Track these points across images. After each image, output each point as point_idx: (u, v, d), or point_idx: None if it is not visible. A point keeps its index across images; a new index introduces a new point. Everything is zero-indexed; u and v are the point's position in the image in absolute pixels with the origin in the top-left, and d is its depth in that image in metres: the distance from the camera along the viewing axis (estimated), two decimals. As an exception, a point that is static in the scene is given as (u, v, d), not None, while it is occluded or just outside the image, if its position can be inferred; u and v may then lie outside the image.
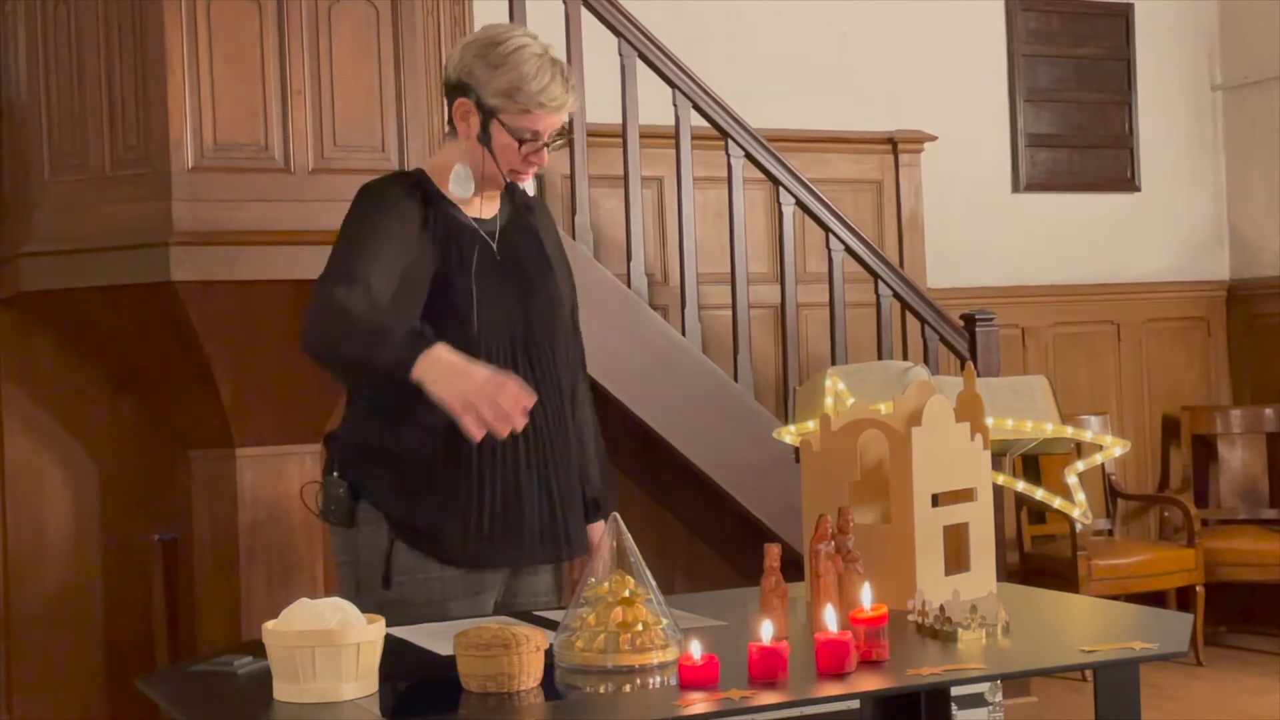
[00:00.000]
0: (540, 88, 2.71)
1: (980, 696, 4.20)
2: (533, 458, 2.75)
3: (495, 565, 2.76)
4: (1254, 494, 6.59)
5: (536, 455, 2.76)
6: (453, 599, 2.72)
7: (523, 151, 2.75)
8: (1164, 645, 2.30)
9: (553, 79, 2.72)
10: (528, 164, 2.78)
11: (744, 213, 5.08)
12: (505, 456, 2.72)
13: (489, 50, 2.73)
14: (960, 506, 2.68)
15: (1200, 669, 5.85)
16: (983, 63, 6.52)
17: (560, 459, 2.80)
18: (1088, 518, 4.29)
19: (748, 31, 6.05)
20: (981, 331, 5.24)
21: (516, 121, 2.72)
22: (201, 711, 2.16)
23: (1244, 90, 6.84)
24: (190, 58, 3.86)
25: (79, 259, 3.97)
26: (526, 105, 2.71)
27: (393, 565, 2.71)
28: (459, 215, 2.78)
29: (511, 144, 2.74)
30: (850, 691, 2.11)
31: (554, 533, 2.79)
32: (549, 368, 2.80)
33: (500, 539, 2.73)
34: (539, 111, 2.72)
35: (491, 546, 2.73)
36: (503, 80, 2.71)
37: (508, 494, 2.73)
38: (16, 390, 4.50)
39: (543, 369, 2.78)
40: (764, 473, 4.89)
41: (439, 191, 2.78)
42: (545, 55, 2.74)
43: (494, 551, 2.74)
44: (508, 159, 2.76)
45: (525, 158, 2.76)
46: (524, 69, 2.71)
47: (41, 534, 4.52)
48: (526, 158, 2.76)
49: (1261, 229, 6.80)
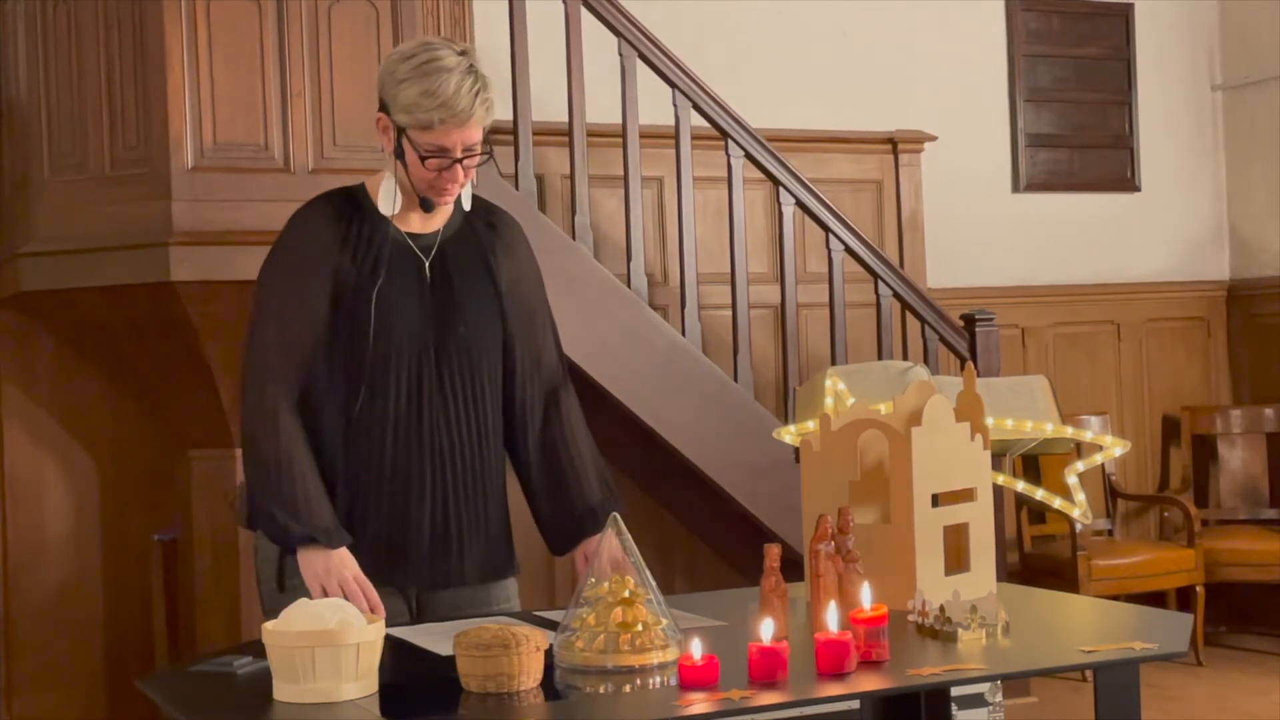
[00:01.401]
0: (440, 102, 2.59)
1: (980, 696, 4.20)
2: (429, 483, 2.70)
3: (385, 585, 2.69)
4: (1254, 494, 6.59)
5: (435, 480, 2.70)
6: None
7: (429, 167, 2.64)
8: (1164, 645, 2.30)
9: (456, 91, 2.59)
10: (443, 181, 2.66)
11: (744, 213, 5.08)
12: (397, 481, 2.69)
13: (400, 65, 2.65)
14: (960, 506, 2.67)
15: (1200, 669, 5.85)
16: (983, 63, 6.52)
17: (463, 484, 2.73)
18: (1088, 518, 4.29)
19: (748, 31, 6.05)
20: (981, 331, 5.24)
21: (421, 138, 2.62)
22: (201, 711, 2.16)
23: (1244, 90, 6.84)
24: (190, 58, 3.86)
25: (79, 259, 3.97)
26: (427, 121, 2.60)
27: (286, 569, 2.69)
28: (389, 229, 2.71)
29: (424, 164, 2.64)
30: (850, 691, 2.11)
31: (445, 558, 2.73)
32: (461, 389, 2.72)
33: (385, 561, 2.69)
34: (441, 127, 2.61)
35: (377, 568, 2.67)
36: (406, 95, 2.62)
37: (395, 518, 2.69)
38: (16, 390, 4.50)
39: (454, 390, 2.72)
40: (764, 473, 4.89)
41: (373, 206, 2.72)
42: (456, 69, 2.61)
43: (379, 573, 2.67)
44: (420, 176, 2.66)
45: (439, 174, 2.65)
46: (426, 83, 2.60)
47: (41, 534, 4.52)
48: (440, 174, 2.65)
49: (1261, 229, 6.80)
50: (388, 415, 2.68)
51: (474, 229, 2.81)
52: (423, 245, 2.75)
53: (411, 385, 2.69)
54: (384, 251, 2.69)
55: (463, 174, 2.68)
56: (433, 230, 2.77)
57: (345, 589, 2.58)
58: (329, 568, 2.60)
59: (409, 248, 2.73)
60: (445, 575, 2.75)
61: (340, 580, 2.59)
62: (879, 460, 2.69)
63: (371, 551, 2.68)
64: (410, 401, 2.69)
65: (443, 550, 2.73)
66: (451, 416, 2.72)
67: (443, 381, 2.71)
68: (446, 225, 2.78)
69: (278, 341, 2.68)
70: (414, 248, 2.73)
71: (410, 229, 2.75)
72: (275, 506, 2.62)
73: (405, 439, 2.69)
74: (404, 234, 2.73)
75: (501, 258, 2.82)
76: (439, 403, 2.70)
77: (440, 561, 2.74)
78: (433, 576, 2.74)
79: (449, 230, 2.78)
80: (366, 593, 2.60)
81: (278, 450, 2.63)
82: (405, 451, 2.69)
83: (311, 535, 2.61)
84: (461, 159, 2.65)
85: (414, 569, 2.72)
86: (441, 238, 2.77)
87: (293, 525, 2.61)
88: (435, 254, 2.75)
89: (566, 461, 2.84)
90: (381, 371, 2.67)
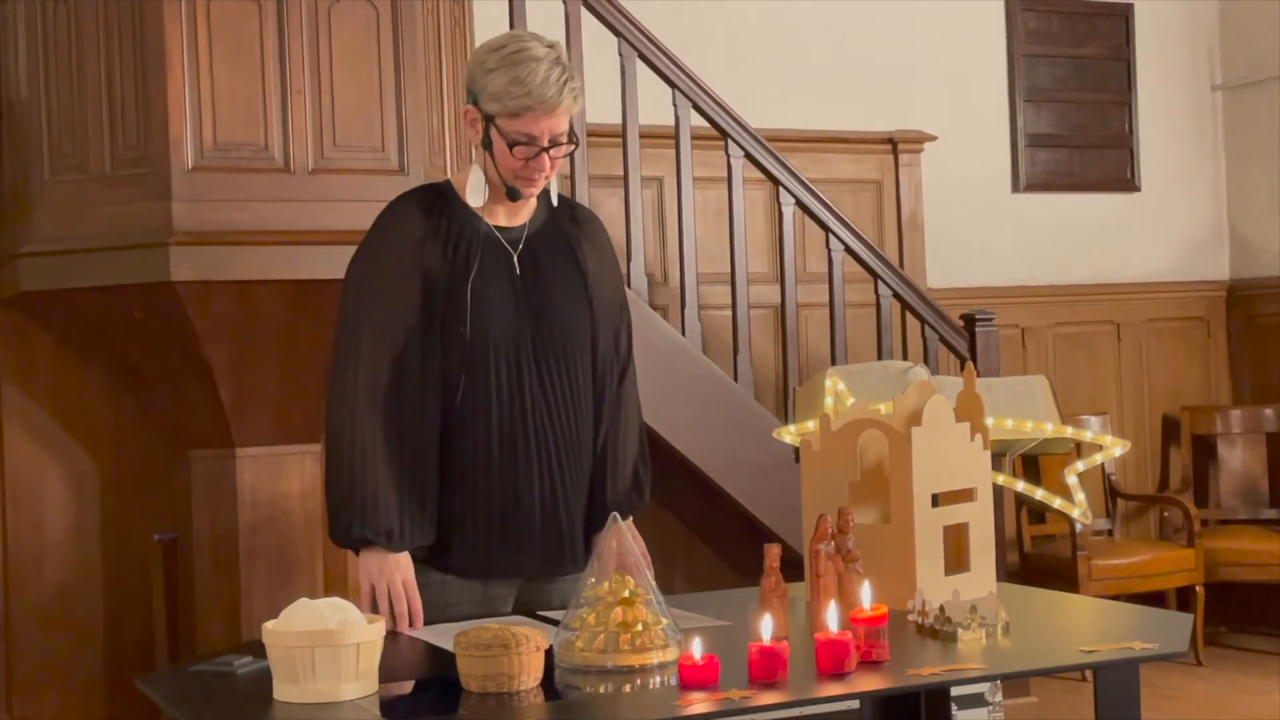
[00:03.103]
0: (528, 89, 2.63)
1: (980, 696, 4.20)
2: (536, 471, 2.72)
3: (498, 576, 2.74)
4: (1254, 494, 6.59)
5: (542, 469, 2.73)
6: (457, 604, 2.72)
7: (517, 155, 2.68)
8: (1164, 645, 2.30)
9: (544, 80, 2.63)
10: (530, 170, 2.70)
11: (744, 213, 5.08)
12: (505, 470, 2.71)
13: (489, 55, 2.70)
14: (960, 506, 2.68)
15: (1200, 669, 5.85)
16: (983, 63, 6.52)
17: (568, 473, 2.76)
18: (1087, 518, 4.29)
19: (748, 31, 6.05)
20: (981, 331, 5.25)
21: (510, 125, 2.66)
22: (201, 711, 2.16)
23: (1244, 90, 6.84)
24: (190, 58, 3.85)
25: (79, 259, 3.96)
26: (515, 108, 2.64)
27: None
28: (476, 222, 2.74)
29: (512, 151, 2.68)
30: (850, 691, 2.11)
31: (559, 546, 2.76)
32: (558, 380, 2.75)
33: (499, 551, 2.72)
34: (528, 115, 2.64)
35: (490, 558, 2.72)
36: (495, 83, 2.66)
37: (506, 507, 2.71)
38: (16, 390, 4.50)
39: (551, 380, 2.74)
40: (764, 473, 4.89)
41: (459, 199, 2.76)
42: (545, 59, 2.65)
43: (493, 563, 2.73)
44: (508, 165, 2.70)
45: (526, 163, 2.69)
46: (516, 71, 2.64)
47: (41, 534, 4.52)
48: (527, 163, 2.69)
49: (1261, 229, 6.80)
50: (490, 405, 2.69)
51: (558, 223, 2.85)
52: (510, 238, 2.77)
53: (511, 374, 2.70)
54: (475, 244, 2.72)
55: (549, 164, 2.71)
56: (519, 224, 2.80)
57: (392, 590, 2.62)
58: (383, 569, 2.63)
59: (498, 240, 2.75)
60: (559, 563, 2.77)
61: (389, 582, 2.62)
62: (879, 460, 2.69)
63: (485, 542, 2.70)
64: (512, 391, 2.70)
65: (554, 538, 2.75)
66: (552, 405, 2.74)
67: (540, 370, 2.73)
68: (532, 219, 2.82)
69: (365, 339, 2.70)
70: (502, 240, 2.76)
71: (497, 222, 2.78)
72: (342, 505, 2.66)
73: (510, 428, 2.71)
74: (492, 227, 2.76)
75: (587, 250, 2.86)
76: (539, 392, 2.72)
77: (553, 549, 2.75)
78: (546, 565, 2.76)
79: (535, 224, 2.81)
80: (411, 601, 2.63)
81: (353, 449, 2.65)
82: (510, 441, 2.70)
83: (371, 538, 2.63)
84: (548, 148, 2.68)
85: (528, 558, 2.74)
86: (528, 231, 2.80)
87: (355, 525, 2.64)
88: (523, 247, 2.78)
89: (610, 454, 2.87)
90: (481, 362, 2.69)
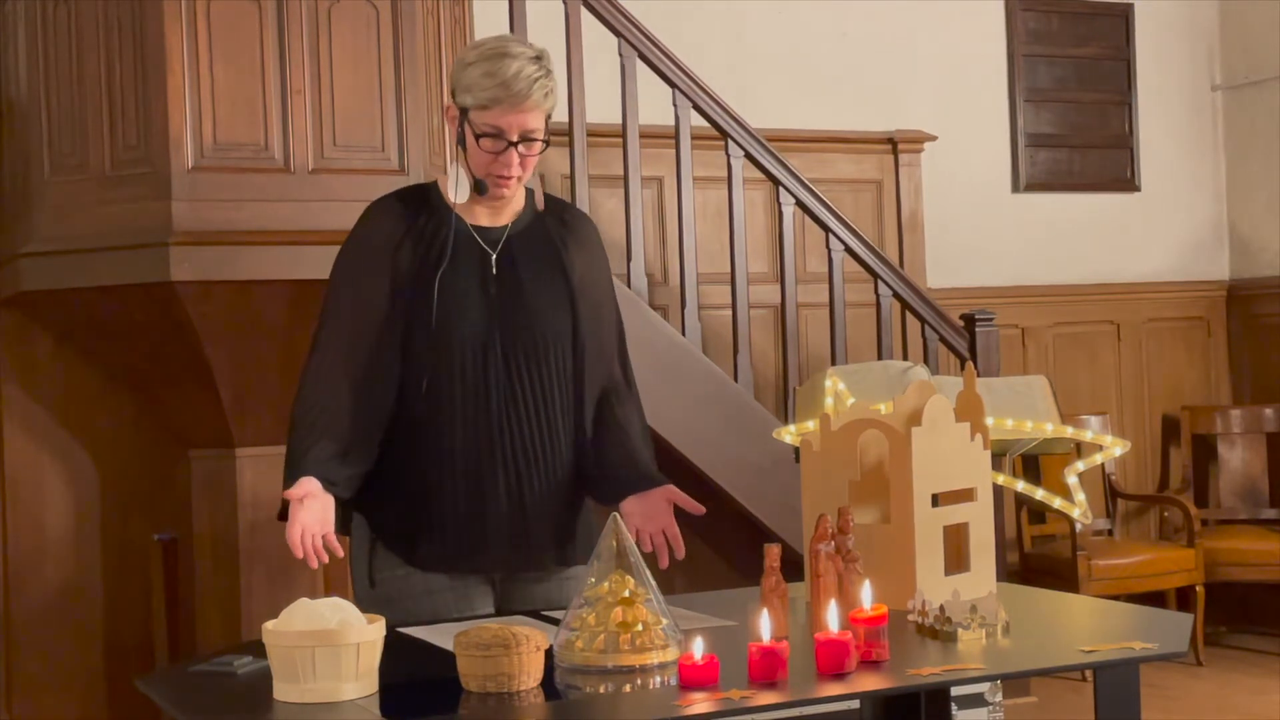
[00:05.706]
0: (499, 82, 2.62)
1: (980, 696, 4.20)
2: (501, 469, 2.71)
3: (462, 573, 2.74)
4: (1254, 494, 6.59)
5: (506, 467, 2.71)
6: (436, 591, 2.73)
7: (484, 148, 2.66)
8: (1164, 645, 2.30)
9: (516, 74, 2.62)
10: (499, 166, 2.68)
11: (744, 213, 5.08)
12: (469, 466, 2.70)
13: (471, 52, 2.70)
14: (960, 506, 2.68)
15: (1200, 669, 5.85)
16: (983, 63, 6.52)
17: (535, 471, 2.74)
18: (1088, 518, 4.29)
19: (748, 31, 6.05)
20: (981, 331, 5.25)
21: (480, 118, 2.65)
22: (201, 711, 2.16)
23: (1244, 90, 6.84)
24: (190, 58, 3.85)
25: (79, 259, 3.97)
26: (485, 100, 2.64)
27: (375, 564, 2.74)
28: (455, 221, 2.73)
29: (479, 144, 2.67)
30: (850, 691, 2.11)
31: (521, 546, 2.74)
32: (529, 380, 2.73)
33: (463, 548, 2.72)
34: (497, 108, 2.63)
35: (455, 554, 2.72)
36: (469, 76, 2.66)
37: (471, 504, 2.71)
38: (16, 390, 4.50)
39: (521, 380, 2.72)
40: (764, 473, 4.89)
41: (441, 200, 2.76)
42: (521, 57, 2.64)
43: (458, 561, 2.72)
44: (477, 159, 2.69)
45: (495, 158, 2.67)
46: (491, 65, 2.64)
47: (41, 534, 4.52)
48: (496, 158, 2.67)
49: (1261, 229, 6.80)
50: (454, 404, 2.69)
51: (545, 224, 2.83)
52: (489, 239, 2.76)
53: (476, 374, 2.69)
54: (448, 242, 2.71)
55: (519, 161, 2.69)
56: (501, 225, 2.78)
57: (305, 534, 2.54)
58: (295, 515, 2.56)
59: (474, 239, 2.75)
60: (522, 564, 2.77)
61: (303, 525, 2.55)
62: (879, 460, 2.69)
63: (452, 538, 2.71)
64: (477, 388, 2.70)
65: (516, 538, 2.74)
66: (521, 404, 2.72)
67: (510, 369, 2.72)
68: (516, 220, 2.80)
69: (335, 330, 2.72)
70: (479, 240, 2.75)
71: (478, 222, 2.77)
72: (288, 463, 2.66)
73: (473, 428, 2.70)
74: (470, 226, 2.75)
75: (574, 250, 2.83)
76: (506, 390, 2.71)
77: (514, 550, 2.74)
78: (506, 565, 2.76)
79: (518, 226, 2.80)
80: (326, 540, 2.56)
81: (301, 415, 2.69)
82: (474, 441, 2.70)
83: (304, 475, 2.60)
84: (517, 143, 2.67)
85: (488, 558, 2.74)
86: (509, 232, 2.78)
87: (289, 474, 2.64)
88: (502, 247, 2.76)
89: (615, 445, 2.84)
90: (445, 359, 2.68)
